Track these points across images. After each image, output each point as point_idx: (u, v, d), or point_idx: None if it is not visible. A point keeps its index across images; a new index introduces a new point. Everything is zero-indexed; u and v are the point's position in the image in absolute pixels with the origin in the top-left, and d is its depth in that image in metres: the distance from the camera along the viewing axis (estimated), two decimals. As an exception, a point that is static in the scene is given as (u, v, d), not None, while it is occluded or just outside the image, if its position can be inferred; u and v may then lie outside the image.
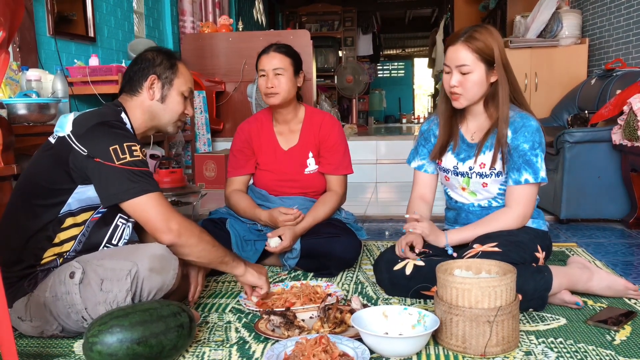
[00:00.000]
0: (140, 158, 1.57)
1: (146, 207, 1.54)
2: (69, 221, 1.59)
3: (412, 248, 1.90)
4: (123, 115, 1.69)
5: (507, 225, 1.87)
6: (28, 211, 1.59)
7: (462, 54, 1.82)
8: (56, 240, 1.59)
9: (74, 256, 1.61)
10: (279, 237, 2.13)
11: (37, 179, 1.60)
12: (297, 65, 2.31)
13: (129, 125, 1.69)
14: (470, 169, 1.95)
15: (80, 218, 1.60)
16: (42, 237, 1.58)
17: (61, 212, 1.58)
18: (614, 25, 4.37)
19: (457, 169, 1.98)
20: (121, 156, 1.53)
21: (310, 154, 2.35)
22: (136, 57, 1.77)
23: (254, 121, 2.42)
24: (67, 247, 1.60)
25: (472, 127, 1.97)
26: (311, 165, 2.36)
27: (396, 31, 14.45)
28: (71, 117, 1.62)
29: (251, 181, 2.46)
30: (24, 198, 1.61)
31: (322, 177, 2.37)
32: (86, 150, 1.54)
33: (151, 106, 1.73)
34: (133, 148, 1.56)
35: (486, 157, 1.92)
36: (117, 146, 1.53)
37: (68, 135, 1.57)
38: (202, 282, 1.82)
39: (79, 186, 1.57)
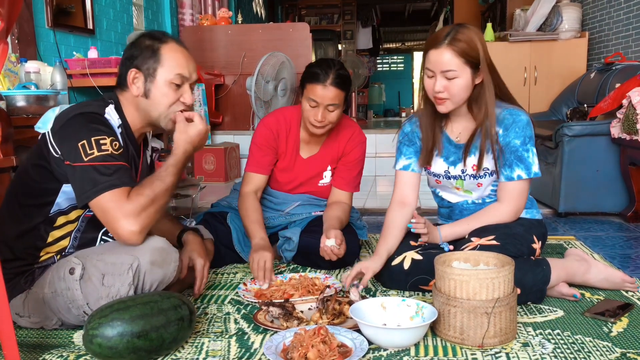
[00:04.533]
0: (110, 152, 1.46)
1: (103, 208, 1.43)
2: (61, 220, 1.57)
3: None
4: (109, 108, 1.58)
5: (499, 220, 1.86)
6: (20, 210, 1.58)
7: (446, 58, 1.72)
8: (50, 239, 1.58)
9: (72, 252, 1.60)
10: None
11: (26, 178, 1.58)
12: (349, 93, 2.17)
13: (114, 120, 1.58)
14: (463, 172, 1.92)
15: (72, 215, 1.58)
16: (35, 237, 1.57)
17: (51, 212, 1.56)
18: (614, 19, 4.37)
19: (449, 173, 1.95)
20: (89, 152, 1.44)
21: (329, 167, 2.30)
22: (126, 46, 1.65)
23: (283, 121, 2.26)
24: (63, 244, 1.60)
25: (457, 128, 1.92)
26: (326, 178, 2.32)
27: (396, 25, 14.40)
28: (57, 112, 1.57)
29: None
30: (15, 197, 1.59)
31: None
32: (59, 152, 1.49)
33: (139, 102, 1.61)
34: (102, 142, 1.46)
35: (476, 158, 1.88)
36: (84, 141, 1.45)
37: (48, 133, 1.52)
38: (207, 274, 1.81)
39: (64, 185, 1.53)
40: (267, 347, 1.39)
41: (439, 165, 1.96)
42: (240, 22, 6.04)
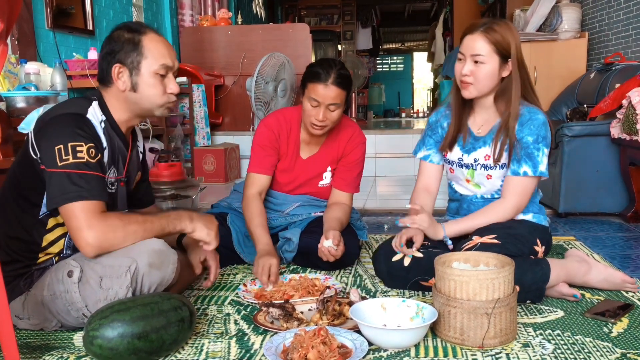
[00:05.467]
0: (85, 160, 1.45)
1: (70, 216, 1.44)
2: (51, 222, 1.57)
3: (410, 243, 1.90)
4: (93, 107, 1.56)
5: (501, 216, 1.88)
6: (12, 213, 1.57)
7: (478, 44, 1.82)
8: (44, 243, 1.57)
9: (71, 254, 1.60)
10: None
11: (14, 180, 1.57)
12: (350, 93, 2.17)
13: (97, 118, 1.55)
14: (475, 161, 1.96)
15: (61, 218, 1.55)
16: (30, 242, 1.56)
17: (40, 214, 1.55)
18: (614, 19, 4.37)
19: (462, 160, 1.99)
20: (64, 157, 1.43)
21: (329, 168, 2.30)
22: (104, 41, 1.60)
23: (283, 121, 2.25)
24: (59, 246, 1.59)
25: (479, 120, 1.98)
26: (326, 179, 2.32)
27: (396, 25, 14.40)
28: (41, 112, 1.56)
29: None
30: (6, 199, 1.59)
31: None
32: (38, 153, 1.48)
33: (126, 97, 1.59)
34: (78, 149, 1.44)
35: (490, 149, 1.92)
36: (61, 146, 1.44)
37: (30, 133, 1.52)
38: (218, 264, 1.84)
39: None
40: (267, 348, 1.39)
41: (455, 152, 2.01)
42: (240, 22, 6.05)
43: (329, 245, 2.00)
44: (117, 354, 1.33)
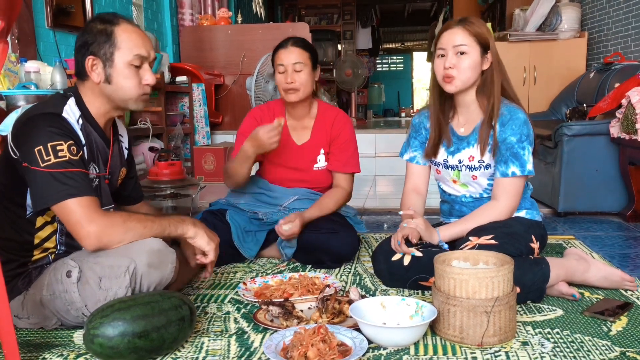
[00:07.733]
0: (67, 158, 1.45)
1: (67, 212, 1.44)
2: (39, 221, 1.56)
3: (407, 242, 1.90)
4: (69, 104, 1.55)
5: (494, 218, 1.88)
6: (1, 213, 1.57)
7: (459, 36, 1.85)
8: (36, 241, 1.57)
9: (65, 251, 1.60)
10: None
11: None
12: (315, 59, 2.29)
13: (73, 116, 1.54)
14: (460, 162, 1.96)
15: (49, 215, 1.56)
16: (22, 240, 1.56)
17: (27, 214, 1.54)
18: (613, 18, 4.37)
19: (447, 162, 1.99)
20: (45, 158, 1.42)
21: (322, 151, 2.35)
22: (78, 34, 1.59)
23: (267, 110, 2.38)
24: (51, 243, 1.59)
25: (462, 120, 1.98)
26: (320, 162, 2.35)
27: (395, 25, 14.40)
28: (19, 114, 1.55)
29: (253, 172, 2.43)
30: None
31: (329, 174, 2.36)
32: (18, 153, 1.47)
33: (101, 89, 1.57)
34: (58, 148, 1.44)
35: (474, 149, 1.93)
36: (41, 147, 1.43)
37: (8, 135, 1.51)
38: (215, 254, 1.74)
39: None
40: (267, 346, 1.39)
41: (440, 154, 2.01)
42: (240, 22, 6.05)
43: (287, 228, 2.10)
44: (117, 353, 1.34)
